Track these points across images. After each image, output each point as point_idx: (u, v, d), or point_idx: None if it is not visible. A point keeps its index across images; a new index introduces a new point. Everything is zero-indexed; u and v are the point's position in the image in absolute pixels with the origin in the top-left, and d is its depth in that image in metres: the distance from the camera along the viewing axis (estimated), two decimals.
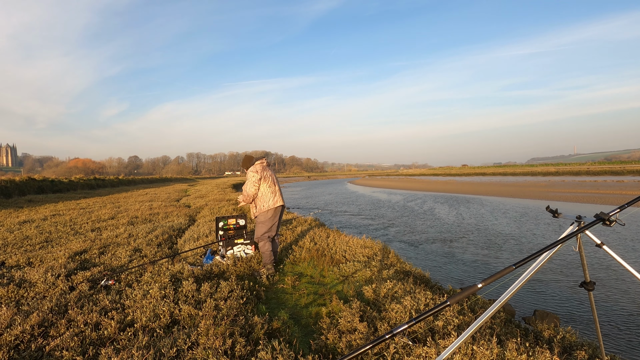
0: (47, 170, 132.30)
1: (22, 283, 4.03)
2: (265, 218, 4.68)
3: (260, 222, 4.70)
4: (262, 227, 4.69)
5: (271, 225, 4.69)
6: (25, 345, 2.67)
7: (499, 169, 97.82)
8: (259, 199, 4.69)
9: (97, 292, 3.76)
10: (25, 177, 22.44)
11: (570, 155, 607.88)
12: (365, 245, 5.85)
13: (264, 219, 4.68)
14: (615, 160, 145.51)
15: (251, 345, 2.59)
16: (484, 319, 1.82)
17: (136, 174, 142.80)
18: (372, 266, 4.74)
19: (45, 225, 8.63)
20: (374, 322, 2.99)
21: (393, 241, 10.18)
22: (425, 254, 8.58)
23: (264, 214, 4.68)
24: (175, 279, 4.14)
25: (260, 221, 4.71)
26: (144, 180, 47.07)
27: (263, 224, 4.69)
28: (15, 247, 6.17)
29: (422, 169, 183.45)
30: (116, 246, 6.07)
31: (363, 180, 68.70)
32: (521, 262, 1.76)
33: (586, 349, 2.59)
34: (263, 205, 4.66)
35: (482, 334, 2.63)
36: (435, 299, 3.32)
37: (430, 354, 2.31)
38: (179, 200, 17.11)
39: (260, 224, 4.71)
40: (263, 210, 4.67)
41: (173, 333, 2.72)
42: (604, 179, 36.17)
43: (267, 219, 4.67)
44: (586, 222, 1.95)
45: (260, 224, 4.71)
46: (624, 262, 1.93)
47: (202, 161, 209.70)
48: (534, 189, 28.31)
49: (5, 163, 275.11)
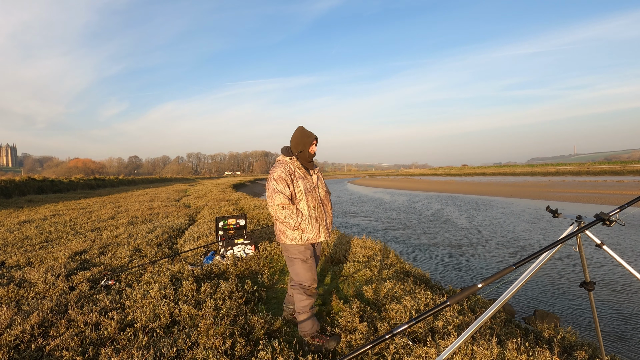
0: (47, 170, 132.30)
1: (22, 283, 4.03)
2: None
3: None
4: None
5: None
6: (25, 345, 2.67)
7: (499, 169, 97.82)
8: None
9: (97, 292, 3.76)
10: (25, 177, 22.44)
11: (571, 155, 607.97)
12: (365, 245, 5.85)
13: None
14: (615, 160, 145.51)
15: (251, 345, 2.59)
16: (484, 319, 1.82)
17: (136, 174, 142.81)
18: (372, 266, 4.74)
19: (45, 225, 8.63)
20: (374, 322, 2.99)
21: (410, 247, 10.03)
22: (449, 259, 8.25)
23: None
24: (175, 279, 4.14)
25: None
26: (144, 180, 47.04)
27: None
28: (15, 247, 6.16)
29: (422, 169, 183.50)
30: (116, 246, 6.07)
31: (363, 180, 68.71)
32: (521, 262, 1.76)
33: (586, 349, 2.59)
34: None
35: (482, 334, 2.63)
36: (435, 299, 3.32)
37: (430, 354, 2.31)
38: (179, 200, 17.11)
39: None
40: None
41: (173, 333, 2.72)
42: (604, 179, 36.17)
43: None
44: (586, 222, 1.95)
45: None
46: (624, 262, 1.93)
47: (202, 161, 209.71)
48: (534, 189, 28.31)
49: (5, 163, 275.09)
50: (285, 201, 2.70)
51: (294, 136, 2.87)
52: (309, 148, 2.84)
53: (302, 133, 2.85)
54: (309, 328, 2.78)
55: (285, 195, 2.72)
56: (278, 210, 2.69)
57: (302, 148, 2.83)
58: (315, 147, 2.89)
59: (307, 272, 2.80)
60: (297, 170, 2.82)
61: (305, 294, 2.79)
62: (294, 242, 2.77)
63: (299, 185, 2.78)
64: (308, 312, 2.80)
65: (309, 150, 2.85)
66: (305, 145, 2.83)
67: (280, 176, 2.74)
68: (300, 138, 2.84)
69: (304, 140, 2.84)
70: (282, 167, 2.78)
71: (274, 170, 2.80)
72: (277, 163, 2.87)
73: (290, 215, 2.69)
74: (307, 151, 2.85)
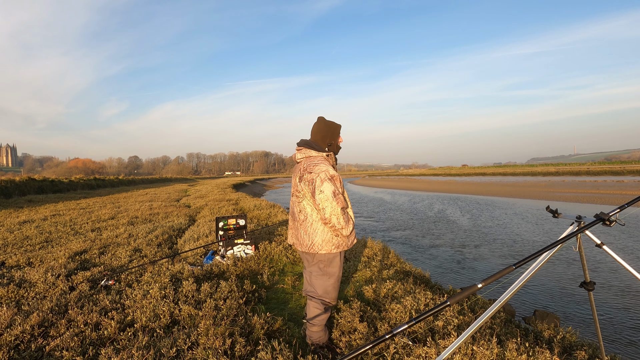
0: (47, 170, 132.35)
1: (22, 283, 4.03)
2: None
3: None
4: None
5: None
6: (25, 345, 2.67)
7: (499, 169, 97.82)
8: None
9: (97, 292, 3.75)
10: (25, 177, 22.43)
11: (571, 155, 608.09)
12: (365, 245, 5.85)
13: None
14: (615, 160, 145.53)
15: (251, 345, 2.59)
16: (484, 319, 1.82)
17: (136, 174, 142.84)
18: (372, 266, 4.74)
19: (45, 225, 8.63)
20: (374, 322, 2.99)
21: (414, 248, 9.89)
22: (463, 262, 8.15)
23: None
24: (175, 279, 4.14)
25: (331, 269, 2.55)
26: (144, 180, 47.03)
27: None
28: (15, 247, 6.16)
29: (422, 169, 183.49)
30: (116, 246, 6.07)
31: (363, 180, 68.70)
32: (521, 262, 1.75)
33: (586, 349, 2.59)
34: None
35: (482, 334, 2.63)
36: (435, 299, 3.32)
37: (430, 354, 2.31)
38: (179, 200, 17.10)
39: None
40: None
41: (173, 333, 2.72)
42: (604, 179, 36.17)
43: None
44: (586, 222, 1.95)
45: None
46: (624, 262, 1.93)
47: (202, 161, 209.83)
48: (534, 189, 28.31)
49: (5, 163, 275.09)
50: (345, 204, 2.43)
51: (319, 128, 2.47)
52: (337, 139, 2.51)
53: (327, 124, 2.47)
54: (317, 337, 2.66)
55: (344, 197, 2.43)
56: (340, 216, 2.33)
57: (331, 140, 2.47)
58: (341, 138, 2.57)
59: (335, 290, 2.59)
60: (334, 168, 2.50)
61: (324, 307, 2.58)
62: (339, 249, 2.46)
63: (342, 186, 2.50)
64: (322, 325, 2.64)
65: (338, 141, 2.52)
66: (335, 136, 2.48)
67: (335, 175, 2.36)
68: (328, 129, 2.46)
69: (331, 130, 2.46)
70: (331, 165, 2.43)
71: (322, 168, 2.35)
72: (319, 160, 2.42)
73: (347, 219, 2.39)
74: (336, 143, 2.50)
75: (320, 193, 2.32)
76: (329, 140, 2.48)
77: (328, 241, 2.43)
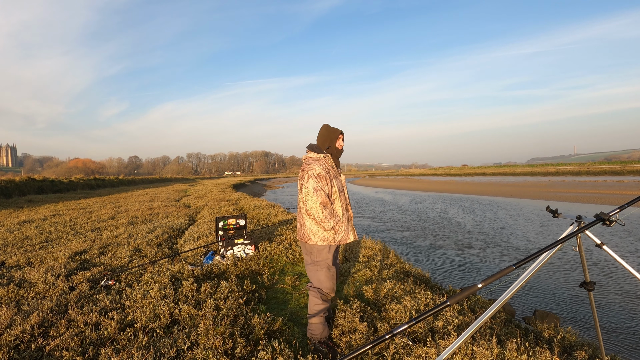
0: (47, 170, 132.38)
1: (22, 283, 4.03)
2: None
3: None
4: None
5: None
6: (25, 345, 2.67)
7: (499, 169, 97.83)
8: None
9: (97, 292, 3.76)
10: (25, 177, 22.44)
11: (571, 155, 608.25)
12: (365, 245, 5.85)
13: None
14: (615, 160, 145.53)
15: (251, 346, 2.59)
16: (484, 319, 1.82)
17: (136, 174, 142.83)
18: (372, 266, 4.74)
19: (45, 225, 8.63)
20: (374, 322, 2.99)
21: (417, 249, 9.84)
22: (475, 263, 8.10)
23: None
24: (175, 279, 4.14)
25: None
26: (144, 180, 47.03)
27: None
28: (15, 247, 6.16)
29: (422, 169, 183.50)
30: (116, 246, 6.07)
31: (363, 180, 68.69)
32: (521, 262, 1.75)
33: (586, 349, 2.59)
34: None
35: (482, 334, 2.63)
36: (435, 299, 3.32)
37: (430, 354, 2.31)
38: (179, 201, 17.10)
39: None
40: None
41: (173, 333, 2.72)
42: (604, 179, 36.17)
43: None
44: (586, 222, 1.95)
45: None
46: (624, 262, 1.93)
47: (202, 161, 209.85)
48: (534, 189, 28.32)
49: (5, 163, 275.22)
50: (326, 200, 2.66)
51: (320, 133, 2.84)
52: (335, 143, 2.83)
53: (327, 129, 2.83)
54: (319, 332, 2.77)
55: (326, 193, 2.68)
56: (319, 210, 2.61)
57: (330, 143, 2.82)
58: (342, 142, 2.88)
59: (329, 280, 2.78)
60: (331, 169, 2.79)
61: (322, 299, 2.79)
62: (325, 242, 2.70)
63: (333, 185, 2.74)
64: (321, 316, 2.79)
65: (337, 145, 2.83)
66: (332, 140, 2.81)
67: (320, 174, 2.67)
68: (327, 134, 2.82)
69: (330, 135, 2.82)
70: (321, 165, 2.72)
71: (312, 167, 2.70)
72: (313, 160, 2.78)
73: (330, 215, 2.65)
74: (334, 146, 2.83)
75: (305, 188, 2.68)
76: (328, 144, 2.83)
77: (315, 233, 2.72)
